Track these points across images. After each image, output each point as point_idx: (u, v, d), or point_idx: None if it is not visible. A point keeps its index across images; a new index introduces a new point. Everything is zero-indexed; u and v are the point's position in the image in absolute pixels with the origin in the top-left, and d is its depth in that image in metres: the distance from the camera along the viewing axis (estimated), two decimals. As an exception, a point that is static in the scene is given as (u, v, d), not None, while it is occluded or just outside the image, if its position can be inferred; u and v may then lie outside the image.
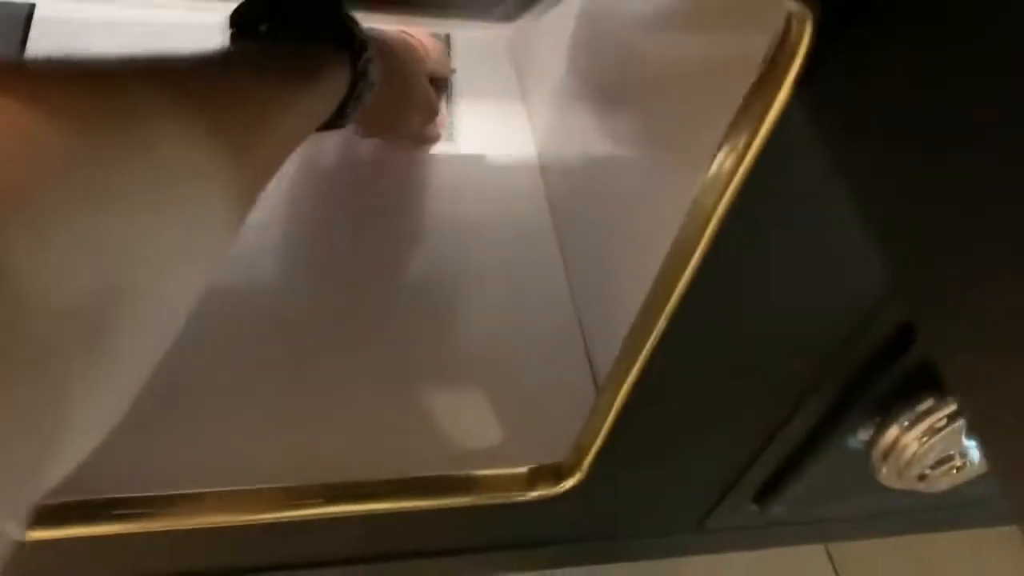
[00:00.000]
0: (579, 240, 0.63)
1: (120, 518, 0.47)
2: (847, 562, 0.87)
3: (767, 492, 0.55)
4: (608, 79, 0.55)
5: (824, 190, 0.33)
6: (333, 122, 0.42)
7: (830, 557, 0.87)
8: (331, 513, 0.49)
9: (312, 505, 0.49)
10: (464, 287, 0.61)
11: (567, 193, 0.66)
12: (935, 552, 0.90)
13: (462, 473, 0.51)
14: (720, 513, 0.58)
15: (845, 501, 0.60)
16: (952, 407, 0.43)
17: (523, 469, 0.52)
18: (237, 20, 0.40)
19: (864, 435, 0.48)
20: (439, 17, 0.50)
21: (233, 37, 0.40)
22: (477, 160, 0.70)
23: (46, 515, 0.46)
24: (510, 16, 0.49)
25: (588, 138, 0.61)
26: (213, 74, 0.31)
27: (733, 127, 0.31)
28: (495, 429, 0.54)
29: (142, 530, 0.47)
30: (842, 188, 0.29)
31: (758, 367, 0.44)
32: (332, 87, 0.40)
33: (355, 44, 0.41)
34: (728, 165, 0.32)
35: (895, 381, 0.43)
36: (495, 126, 0.73)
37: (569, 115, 0.65)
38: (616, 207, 0.56)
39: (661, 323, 0.39)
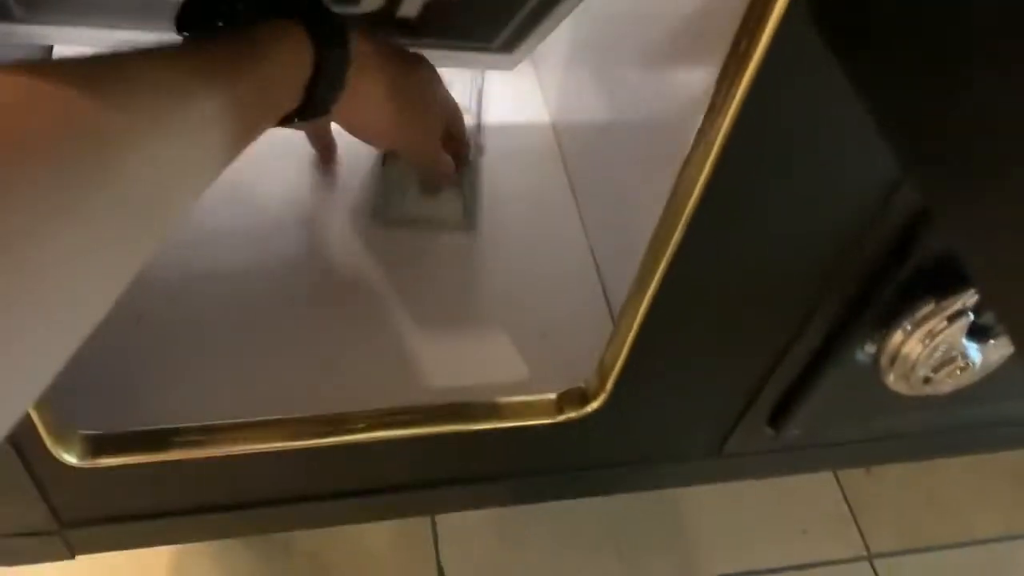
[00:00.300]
0: (592, 190, 0.66)
1: (179, 445, 0.50)
2: (859, 495, 0.90)
3: (782, 413, 0.58)
4: (613, 26, 0.58)
5: (824, 98, 0.36)
6: (308, 108, 0.40)
7: (843, 492, 0.90)
8: (375, 438, 0.53)
9: (357, 431, 0.52)
10: (489, 237, 0.64)
11: (579, 148, 0.69)
12: (945, 488, 0.93)
13: (495, 399, 0.55)
14: (738, 437, 0.61)
15: (857, 422, 0.63)
16: (951, 309, 0.46)
17: (552, 395, 0.55)
18: (183, 22, 0.39)
19: (871, 348, 0.51)
20: (439, 46, 0.51)
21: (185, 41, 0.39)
22: (493, 121, 0.73)
23: (110, 444, 0.49)
24: (510, 48, 0.51)
25: (597, 89, 0.64)
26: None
27: (737, 38, 0.34)
28: (525, 362, 0.57)
29: (200, 456, 0.50)
30: (842, 93, 0.32)
31: (765, 283, 0.47)
32: (285, 59, 0.37)
33: (316, 24, 0.39)
34: (732, 79, 0.35)
35: (897, 289, 0.46)
36: (508, 90, 0.76)
37: (578, 70, 0.68)
38: (626, 153, 0.59)
39: (675, 238, 0.42)
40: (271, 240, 0.60)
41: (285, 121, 0.40)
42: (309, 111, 0.40)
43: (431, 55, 0.53)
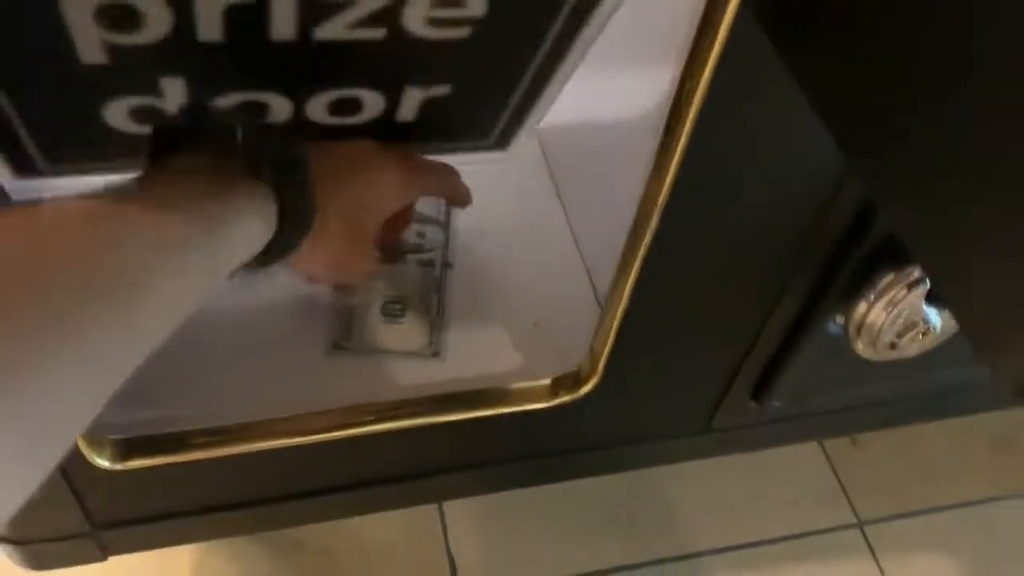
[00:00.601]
0: (575, 187, 0.70)
1: (200, 446, 0.54)
2: (846, 466, 0.94)
3: (763, 386, 0.62)
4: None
5: (781, 90, 0.40)
6: (269, 256, 0.39)
7: (831, 463, 0.94)
8: (381, 430, 0.56)
9: (364, 424, 0.56)
10: (480, 235, 0.68)
11: (562, 148, 0.72)
12: (929, 455, 0.97)
13: (493, 386, 0.58)
14: (724, 412, 0.65)
15: (835, 391, 0.66)
16: (910, 278, 0.50)
17: (546, 380, 0.59)
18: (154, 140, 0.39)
19: (840, 319, 0.55)
20: (438, 150, 0.52)
21: (151, 156, 0.39)
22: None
23: (139, 447, 0.52)
24: (504, 143, 0.53)
25: (578, 90, 0.68)
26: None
27: (697, 38, 0.38)
28: (521, 352, 0.60)
29: (219, 455, 0.54)
30: (796, 84, 0.36)
31: (738, 264, 0.51)
32: (248, 223, 0.37)
33: (280, 174, 0.38)
34: (695, 76, 0.39)
35: (858, 263, 0.50)
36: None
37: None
38: (607, 150, 0.63)
39: (651, 225, 0.46)
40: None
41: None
42: (269, 259, 0.40)
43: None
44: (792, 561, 0.88)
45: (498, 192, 0.71)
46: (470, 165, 0.69)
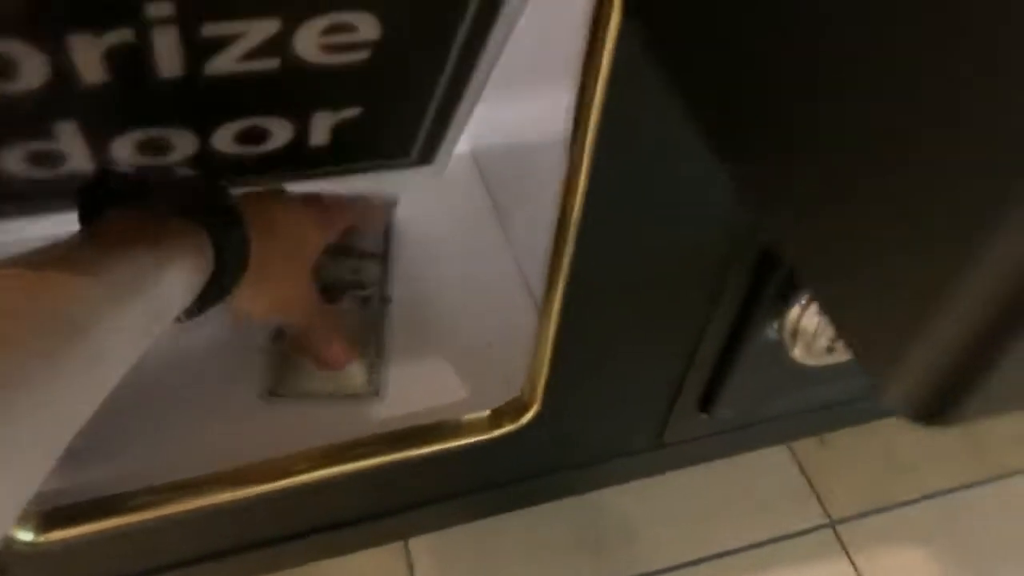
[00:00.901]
0: (515, 212, 0.69)
1: (131, 509, 0.52)
2: (815, 466, 0.93)
3: (709, 397, 0.61)
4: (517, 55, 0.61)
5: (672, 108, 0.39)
6: (207, 299, 0.40)
7: (799, 465, 0.93)
8: (329, 474, 0.54)
9: (310, 470, 0.54)
10: (423, 268, 0.66)
11: (499, 171, 0.72)
12: (897, 448, 0.96)
13: (433, 422, 0.57)
14: (674, 426, 0.64)
15: (786, 397, 0.66)
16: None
17: (486, 412, 0.58)
18: (82, 203, 0.39)
19: (776, 325, 0.54)
20: (361, 169, 0.51)
21: (81, 219, 0.39)
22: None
23: (63, 516, 0.51)
24: (427, 158, 0.52)
25: (510, 113, 0.67)
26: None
27: (584, 67, 0.37)
28: (470, 380, 0.59)
29: (156, 516, 0.52)
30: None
31: (666, 276, 0.50)
32: (185, 264, 0.37)
33: (209, 213, 0.39)
34: (591, 91, 0.38)
35: (788, 269, 0.49)
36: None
37: (492, 97, 0.71)
38: (540, 169, 0.62)
39: (570, 241, 0.45)
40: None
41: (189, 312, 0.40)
42: (209, 301, 0.41)
43: (345, 180, 0.52)
44: (766, 567, 0.87)
45: (437, 219, 0.70)
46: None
